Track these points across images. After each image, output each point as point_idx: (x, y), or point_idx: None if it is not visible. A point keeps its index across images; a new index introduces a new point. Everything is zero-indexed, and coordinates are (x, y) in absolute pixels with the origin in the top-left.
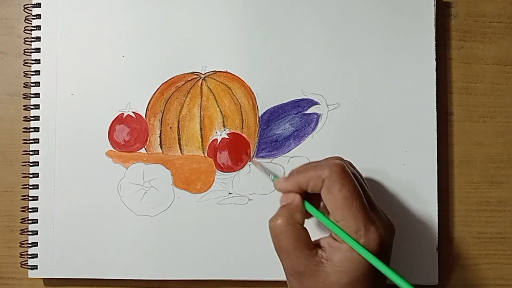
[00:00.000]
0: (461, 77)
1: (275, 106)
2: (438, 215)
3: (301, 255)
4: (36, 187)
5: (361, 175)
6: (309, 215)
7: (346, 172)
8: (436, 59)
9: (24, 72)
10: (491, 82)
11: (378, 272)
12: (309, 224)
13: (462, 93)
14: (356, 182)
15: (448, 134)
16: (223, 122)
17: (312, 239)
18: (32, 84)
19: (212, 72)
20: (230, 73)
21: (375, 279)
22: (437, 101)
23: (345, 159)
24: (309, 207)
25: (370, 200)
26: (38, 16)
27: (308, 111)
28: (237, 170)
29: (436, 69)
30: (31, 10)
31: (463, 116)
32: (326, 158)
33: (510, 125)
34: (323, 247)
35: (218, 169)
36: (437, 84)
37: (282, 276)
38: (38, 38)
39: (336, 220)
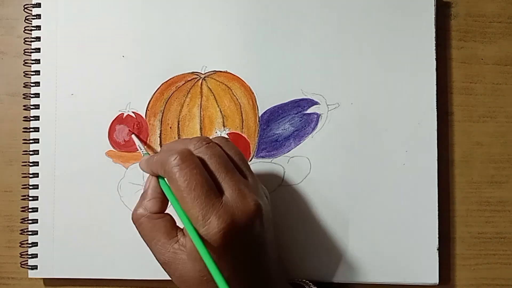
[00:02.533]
0: (461, 77)
1: (275, 106)
2: (438, 215)
3: (158, 244)
4: (36, 187)
5: (235, 152)
6: None
7: (187, 160)
8: (436, 59)
9: (24, 72)
10: (491, 82)
11: (233, 255)
12: None
13: (462, 93)
14: (198, 169)
15: (448, 134)
16: (223, 122)
17: None
18: (32, 84)
19: (212, 72)
20: (230, 73)
21: (231, 261)
22: (437, 101)
23: (224, 135)
24: (164, 187)
25: (231, 180)
26: (38, 16)
27: (308, 111)
28: None
29: (436, 69)
30: (31, 10)
31: (463, 116)
32: (184, 140)
33: (510, 125)
34: (184, 233)
35: None
36: (437, 84)
37: None
38: (38, 38)
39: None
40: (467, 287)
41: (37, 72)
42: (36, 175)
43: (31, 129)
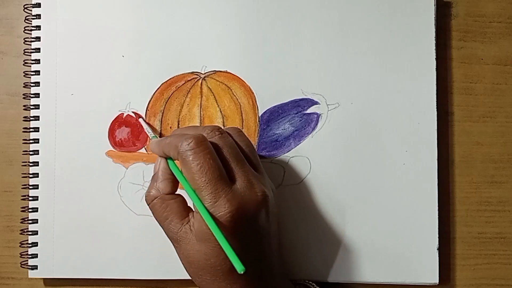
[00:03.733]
0: (461, 77)
1: (275, 106)
2: (438, 215)
3: (171, 224)
4: (36, 187)
5: (247, 143)
6: None
7: (201, 145)
8: (436, 59)
9: (24, 72)
10: (491, 82)
11: (238, 241)
12: None
13: (462, 93)
14: (211, 155)
15: (448, 134)
16: (223, 122)
17: None
18: (32, 84)
19: (212, 72)
20: (230, 73)
21: (236, 248)
22: (437, 101)
23: (235, 127)
24: (173, 168)
25: (242, 170)
26: (38, 16)
27: (308, 111)
28: None
29: (436, 69)
30: (31, 10)
31: (463, 116)
32: (196, 127)
33: (510, 125)
34: (194, 215)
35: None
36: (437, 84)
37: None
38: (38, 38)
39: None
40: (467, 287)
41: (37, 72)
42: (36, 175)
43: (31, 129)
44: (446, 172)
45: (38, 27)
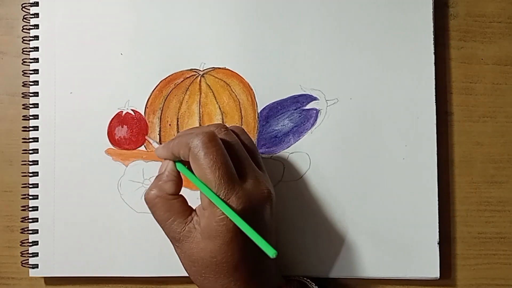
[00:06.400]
0: (461, 77)
1: (274, 102)
2: (438, 216)
3: (174, 223)
4: (36, 186)
5: (251, 142)
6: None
7: (213, 141)
8: (436, 59)
9: (22, 71)
10: (491, 82)
11: (244, 238)
12: None
13: (462, 93)
14: (222, 151)
15: (448, 134)
16: (222, 119)
17: None
18: (31, 83)
19: (210, 69)
20: (229, 70)
21: (242, 245)
22: (437, 101)
23: (237, 125)
24: (180, 168)
25: (249, 168)
26: (36, 15)
27: (307, 107)
28: None
29: (436, 69)
30: (29, 9)
31: (463, 116)
32: (202, 126)
33: (510, 125)
34: (198, 213)
35: None
36: (437, 84)
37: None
38: (36, 37)
39: None
40: (467, 287)
41: (36, 71)
42: (36, 174)
43: (31, 128)
44: (446, 172)
45: (36, 26)
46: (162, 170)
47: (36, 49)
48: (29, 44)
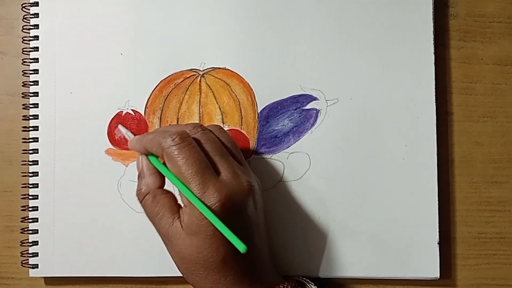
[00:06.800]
0: (461, 77)
1: (274, 102)
2: (438, 216)
3: (163, 219)
4: (36, 185)
5: (229, 139)
6: None
7: (185, 140)
8: (436, 59)
9: (22, 71)
10: (491, 82)
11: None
12: None
13: (462, 93)
14: (196, 148)
15: (448, 134)
16: (222, 119)
17: None
18: (31, 83)
19: (210, 69)
20: (229, 70)
21: (226, 239)
22: (437, 101)
23: (215, 124)
24: (156, 163)
25: (226, 163)
26: (36, 15)
27: (307, 107)
28: None
29: (436, 69)
30: (29, 9)
31: (463, 116)
32: (178, 125)
33: (510, 125)
34: (181, 210)
35: None
36: (437, 84)
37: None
38: (36, 37)
39: None
40: (467, 287)
41: (36, 71)
42: (36, 174)
43: (31, 128)
44: (446, 172)
45: (36, 26)
46: (139, 168)
47: (36, 49)
48: (29, 44)
